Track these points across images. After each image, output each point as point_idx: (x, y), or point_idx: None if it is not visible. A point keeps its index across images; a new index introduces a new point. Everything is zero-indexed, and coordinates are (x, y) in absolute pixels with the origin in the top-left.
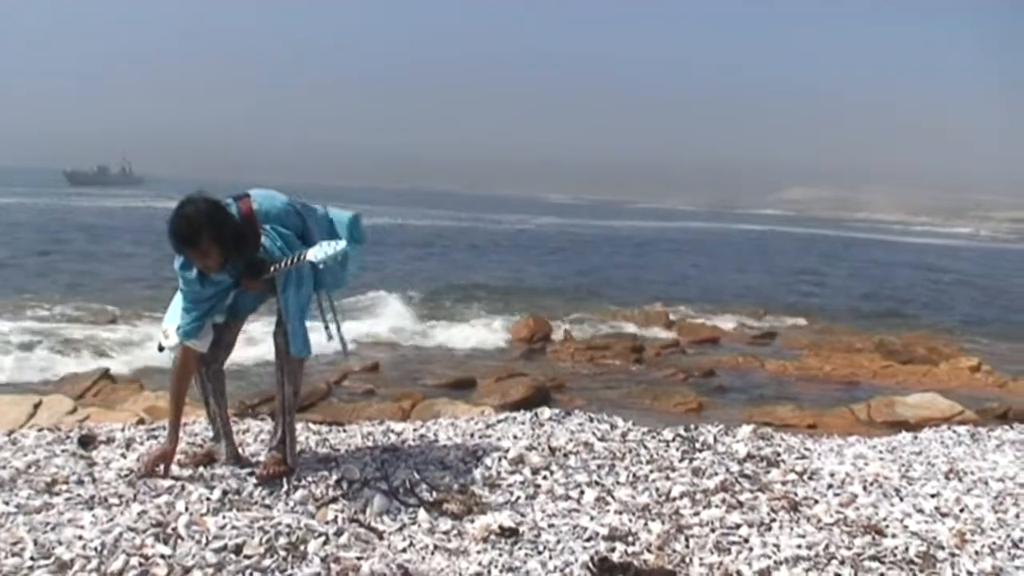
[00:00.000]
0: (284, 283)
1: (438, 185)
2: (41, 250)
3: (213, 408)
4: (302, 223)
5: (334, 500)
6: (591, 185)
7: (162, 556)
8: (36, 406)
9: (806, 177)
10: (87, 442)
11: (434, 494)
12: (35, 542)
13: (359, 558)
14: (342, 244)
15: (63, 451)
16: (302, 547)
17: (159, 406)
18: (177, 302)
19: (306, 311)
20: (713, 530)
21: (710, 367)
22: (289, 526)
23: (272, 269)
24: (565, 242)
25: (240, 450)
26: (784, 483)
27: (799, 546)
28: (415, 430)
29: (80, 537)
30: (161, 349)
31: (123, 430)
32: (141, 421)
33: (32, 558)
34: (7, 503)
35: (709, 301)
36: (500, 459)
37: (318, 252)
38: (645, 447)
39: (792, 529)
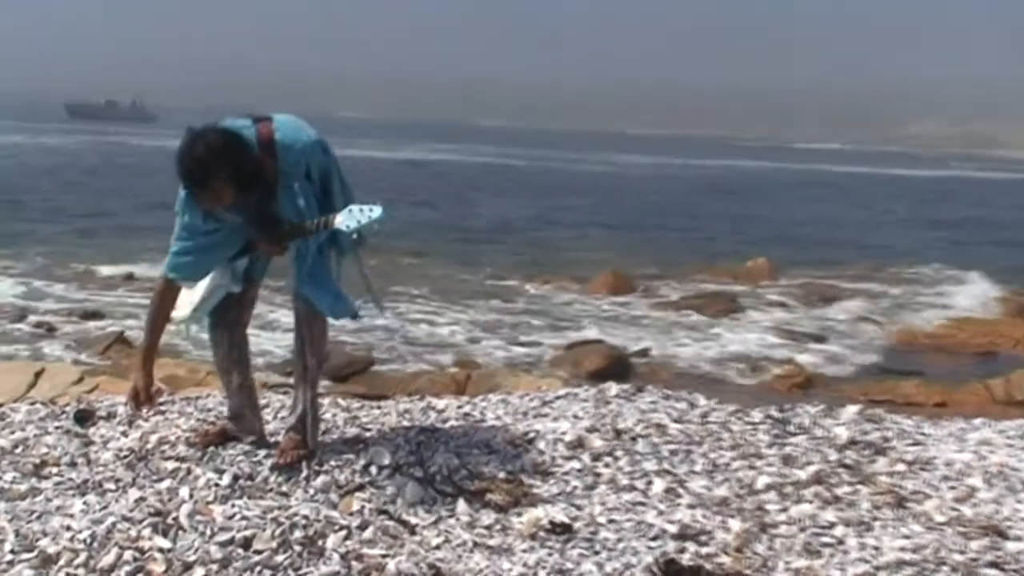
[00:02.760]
0: (300, 246)
1: (487, 120)
2: (50, 198)
3: (236, 379)
4: (326, 169)
5: (360, 488)
6: (686, 117)
7: (160, 550)
8: (37, 375)
9: (930, 109)
10: (84, 418)
11: (476, 483)
12: (17, 532)
13: (385, 555)
14: (378, 210)
15: (56, 428)
16: (320, 542)
17: (179, 375)
18: None
19: (335, 271)
20: (802, 529)
21: (821, 333)
22: (306, 517)
23: (292, 233)
24: (655, 185)
25: None
26: (891, 474)
27: (903, 549)
28: (459, 407)
29: (68, 528)
30: (175, 325)
31: (126, 404)
32: (159, 392)
33: (12, 551)
34: None
35: (825, 258)
36: (555, 443)
37: (348, 219)
38: (728, 430)
39: (896, 529)
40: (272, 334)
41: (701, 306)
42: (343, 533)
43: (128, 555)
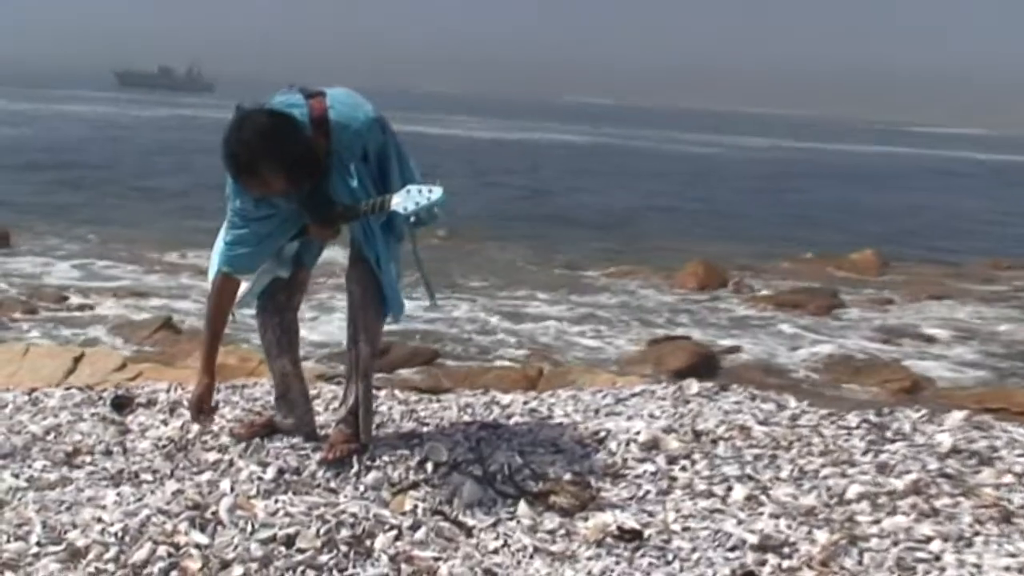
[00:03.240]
0: (367, 227)
1: (584, 97)
2: (99, 172)
3: (285, 367)
4: (384, 149)
5: (414, 486)
6: (803, 97)
7: (197, 546)
8: (77, 360)
9: None
10: (122, 405)
11: (539, 484)
12: (44, 524)
13: (437, 558)
14: (438, 191)
15: (92, 415)
16: (368, 542)
17: (229, 364)
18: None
19: (398, 262)
20: (896, 543)
21: (931, 334)
22: (355, 515)
23: (345, 215)
24: (759, 169)
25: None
26: (997, 487)
27: (1008, 568)
28: (525, 403)
29: (99, 520)
30: None
31: (168, 391)
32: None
33: (39, 543)
34: (17, 476)
35: (940, 252)
36: (628, 443)
37: (406, 199)
38: (819, 434)
39: (1001, 546)
40: (329, 317)
41: (799, 302)
42: (393, 533)
43: (162, 550)
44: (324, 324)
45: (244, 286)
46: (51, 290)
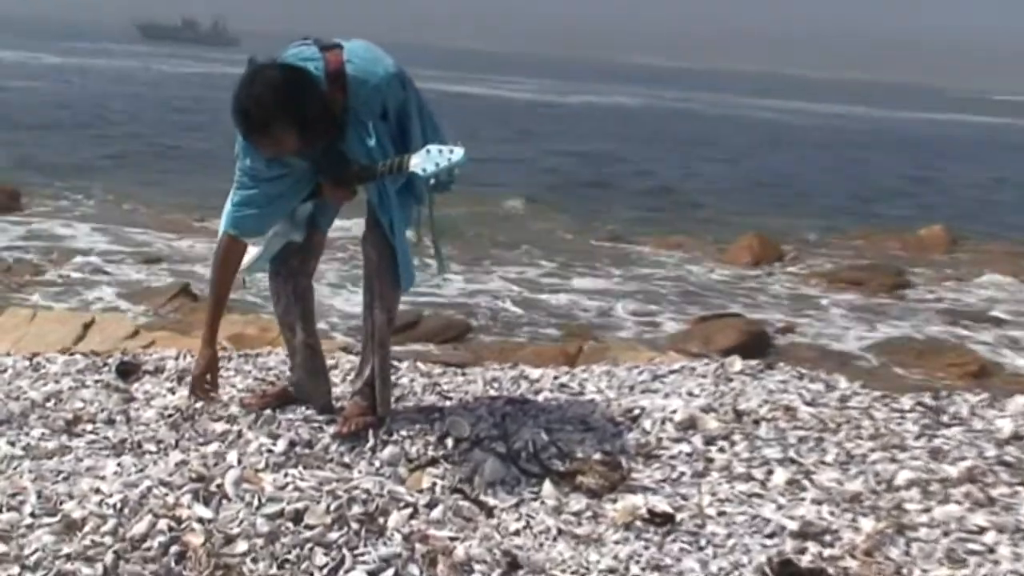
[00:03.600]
0: (382, 191)
1: (640, 58)
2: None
3: (298, 335)
4: (405, 106)
5: (433, 463)
6: (873, 62)
7: (199, 520)
8: (87, 326)
9: None
10: (128, 372)
11: (567, 463)
12: (39, 494)
13: (454, 538)
14: (459, 152)
15: (96, 382)
16: (381, 519)
17: (248, 335)
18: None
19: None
20: (946, 533)
21: (1003, 316)
22: (368, 492)
23: (362, 176)
24: (826, 137)
25: None
26: None
27: None
28: (555, 378)
29: (97, 491)
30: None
31: (177, 359)
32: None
33: (33, 514)
34: (12, 444)
35: (1016, 228)
36: (663, 422)
37: (426, 160)
38: (870, 417)
39: None
40: (359, 287)
41: (860, 280)
42: (408, 511)
43: (163, 524)
44: (354, 294)
45: (254, 250)
46: (64, 253)
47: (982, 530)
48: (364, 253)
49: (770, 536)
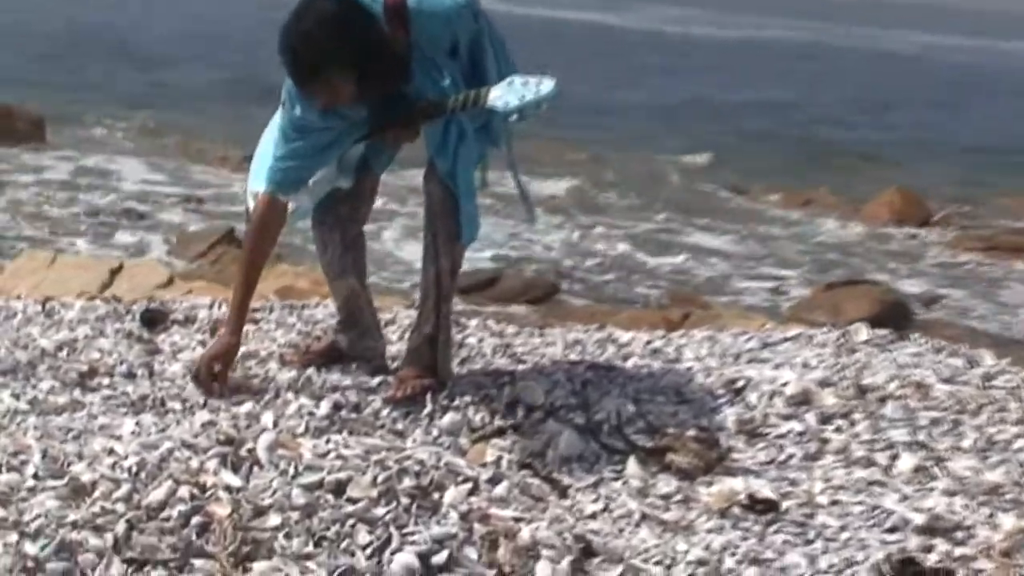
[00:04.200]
0: (447, 129)
1: None
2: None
3: (351, 286)
4: (477, 39)
5: (499, 433)
6: None
7: (227, 488)
8: (114, 272)
9: None
10: (154, 321)
11: (656, 438)
12: (45, 453)
13: (519, 519)
14: (549, 84)
15: (116, 331)
16: (436, 495)
17: (299, 288)
18: (269, 140)
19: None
20: None
21: None
22: (422, 463)
23: (430, 112)
24: (985, 82)
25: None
26: None
27: None
28: (648, 343)
29: (111, 451)
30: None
31: (212, 307)
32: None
33: (36, 475)
34: (17, 397)
35: None
36: (772, 396)
37: (508, 93)
38: (1019, 399)
39: None
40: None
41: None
42: (467, 486)
43: (184, 491)
44: (415, 244)
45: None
46: (91, 192)
47: None
48: (425, 193)
49: (891, 530)
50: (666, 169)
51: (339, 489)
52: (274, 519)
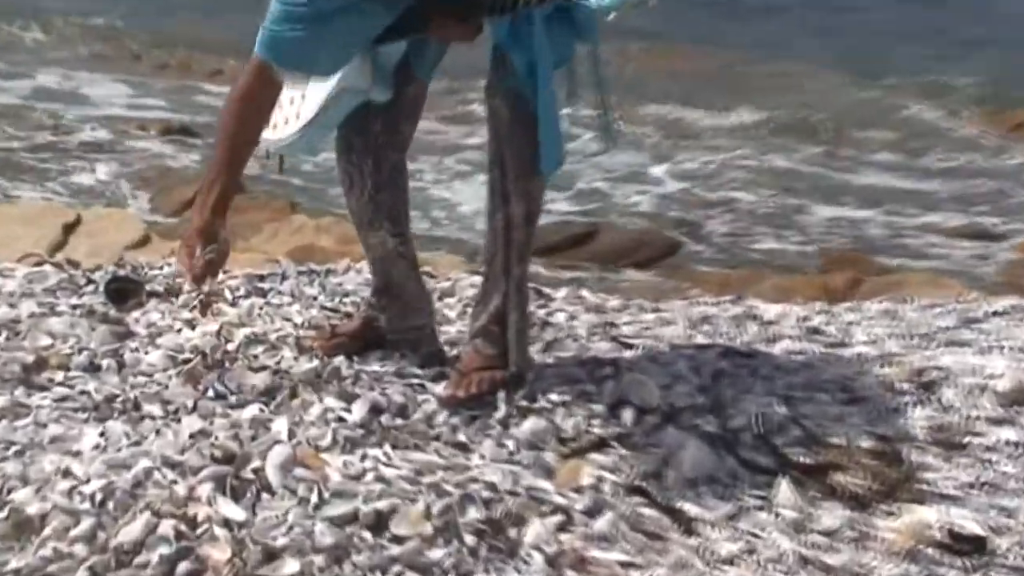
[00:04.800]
0: (520, 21)
1: None
2: None
3: (386, 241)
4: None
5: (599, 446)
6: None
7: (225, 523)
8: (69, 228)
9: None
10: (124, 294)
11: (816, 452)
12: None
13: (627, 565)
14: None
15: (73, 308)
16: (514, 531)
17: (321, 247)
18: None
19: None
20: None
21: None
22: (494, 487)
23: (493, 4)
24: None
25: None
26: None
27: None
28: (803, 319)
29: (67, 473)
30: (267, 156)
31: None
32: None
33: None
34: None
35: None
36: (975, 392)
37: None
38: None
39: None
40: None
41: None
42: (556, 520)
43: (167, 527)
44: (475, 185)
45: (307, 110)
46: (43, 115)
47: None
48: (489, 112)
49: None
50: (827, 81)
51: (379, 524)
52: (291, 566)
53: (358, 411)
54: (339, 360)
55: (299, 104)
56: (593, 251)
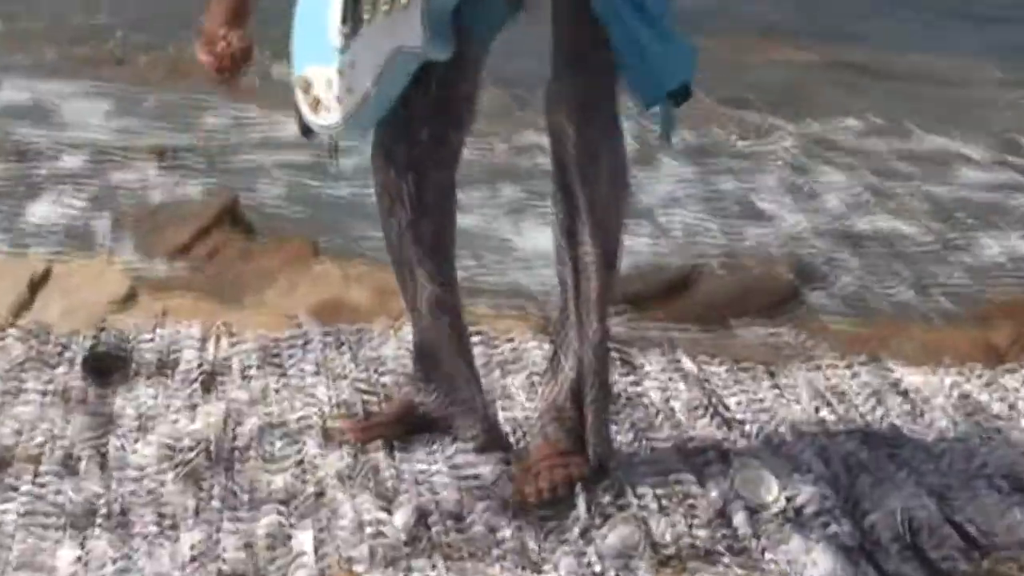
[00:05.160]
0: None
1: None
2: None
3: (426, 286)
4: None
5: (705, 557)
6: None
7: None
8: (36, 284)
9: None
10: (106, 368)
11: (979, 559)
12: None
13: None
14: None
15: (44, 389)
16: None
17: (351, 301)
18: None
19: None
20: None
21: None
22: None
23: None
24: None
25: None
26: None
27: None
28: (955, 387)
29: None
30: (307, 133)
31: (204, 343)
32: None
33: None
34: None
35: None
36: None
37: None
38: None
39: None
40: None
41: None
42: None
43: None
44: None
45: (349, 81)
46: (2, 137)
47: None
48: (550, 130)
49: None
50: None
51: None
52: None
53: (400, 517)
54: (376, 452)
55: (338, 86)
56: (691, 302)
